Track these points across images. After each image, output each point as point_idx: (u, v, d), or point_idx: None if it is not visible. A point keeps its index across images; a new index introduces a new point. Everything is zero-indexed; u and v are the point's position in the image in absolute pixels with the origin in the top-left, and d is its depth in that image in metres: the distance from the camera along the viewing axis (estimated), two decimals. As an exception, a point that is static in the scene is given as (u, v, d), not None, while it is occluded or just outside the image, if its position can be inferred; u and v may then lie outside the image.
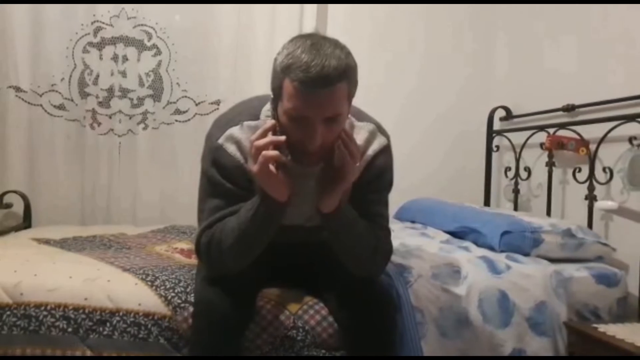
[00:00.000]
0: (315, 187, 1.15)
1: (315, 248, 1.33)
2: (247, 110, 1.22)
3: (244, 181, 1.17)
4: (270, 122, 1.06)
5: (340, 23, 2.59)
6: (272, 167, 1.04)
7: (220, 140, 1.18)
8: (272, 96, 1.09)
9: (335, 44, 1.05)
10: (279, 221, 1.14)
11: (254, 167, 1.04)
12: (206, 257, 1.18)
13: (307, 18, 2.50)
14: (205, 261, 1.20)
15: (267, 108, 1.20)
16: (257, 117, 1.20)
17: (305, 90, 1.00)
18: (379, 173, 1.25)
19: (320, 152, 1.08)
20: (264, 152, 1.03)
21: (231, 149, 1.17)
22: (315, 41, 1.03)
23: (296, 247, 1.32)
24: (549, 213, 2.21)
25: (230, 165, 1.17)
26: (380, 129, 1.28)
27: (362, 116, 1.28)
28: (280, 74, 1.04)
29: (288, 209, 1.15)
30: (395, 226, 2.15)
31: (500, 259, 1.65)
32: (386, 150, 1.27)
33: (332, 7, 2.61)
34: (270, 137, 1.04)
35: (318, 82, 1.00)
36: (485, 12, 2.75)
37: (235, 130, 1.18)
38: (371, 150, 1.24)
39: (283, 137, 1.05)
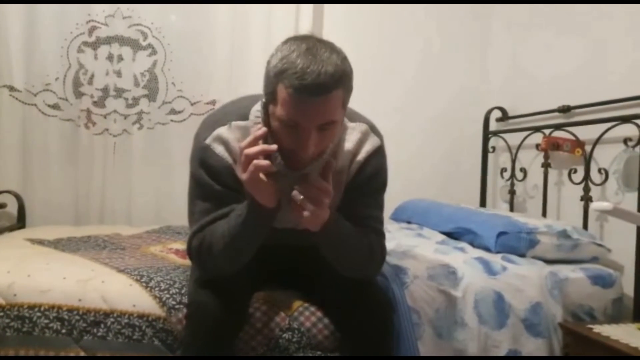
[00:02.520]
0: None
1: (309, 250, 1.33)
2: (236, 110, 1.21)
3: (232, 182, 1.16)
4: (262, 129, 1.04)
5: (336, 23, 2.59)
6: (262, 176, 1.02)
7: (208, 141, 1.16)
8: (263, 99, 1.07)
9: (332, 48, 1.03)
10: (268, 227, 1.13)
11: (243, 175, 1.03)
12: (197, 260, 1.17)
13: (303, 18, 2.49)
14: (197, 264, 1.19)
15: (257, 108, 1.18)
16: (246, 117, 1.19)
17: (299, 98, 0.98)
18: (372, 175, 1.23)
19: (311, 157, 1.07)
20: (255, 162, 1.01)
21: (219, 149, 1.16)
22: (310, 45, 1.00)
23: (289, 249, 1.31)
24: (544, 214, 2.22)
25: (218, 166, 1.15)
26: (373, 129, 1.26)
27: (354, 117, 1.26)
28: (274, 78, 1.01)
29: (279, 213, 1.14)
30: (391, 227, 2.16)
31: (496, 260, 1.65)
32: (379, 151, 1.25)
33: (328, 7, 2.60)
34: (261, 146, 1.02)
35: (313, 90, 0.97)
36: (482, 13, 2.76)
37: (223, 131, 1.17)
38: (364, 152, 1.22)
39: (275, 146, 1.03)
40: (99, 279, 1.37)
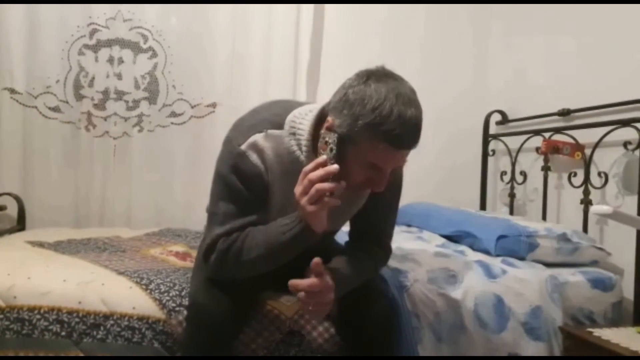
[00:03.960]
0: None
1: (316, 252, 1.33)
2: (271, 118, 1.19)
3: (261, 189, 1.17)
4: (335, 167, 1.02)
5: (337, 24, 2.59)
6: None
7: (244, 147, 1.15)
8: (336, 135, 1.04)
9: (410, 88, 1.06)
10: (307, 247, 1.13)
11: (308, 207, 1.02)
12: (219, 263, 1.15)
13: (304, 19, 2.50)
14: (216, 267, 1.16)
15: (291, 119, 1.17)
16: (281, 126, 1.17)
17: (393, 151, 1.03)
18: (392, 181, 1.24)
19: None
20: (326, 199, 1.02)
21: (253, 157, 1.15)
22: (397, 92, 1.02)
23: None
24: (544, 217, 2.22)
25: (250, 173, 1.15)
26: None
27: None
28: (364, 128, 1.01)
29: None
30: (391, 230, 2.16)
31: (496, 263, 1.65)
32: None
33: (329, 8, 2.61)
34: (333, 185, 1.01)
35: (408, 145, 1.04)
36: (483, 16, 2.76)
37: (259, 138, 1.16)
38: None
39: (344, 184, 1.03)
40: (99, 282, 1.37)
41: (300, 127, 1.15)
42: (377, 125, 1.00)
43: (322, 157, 1.03)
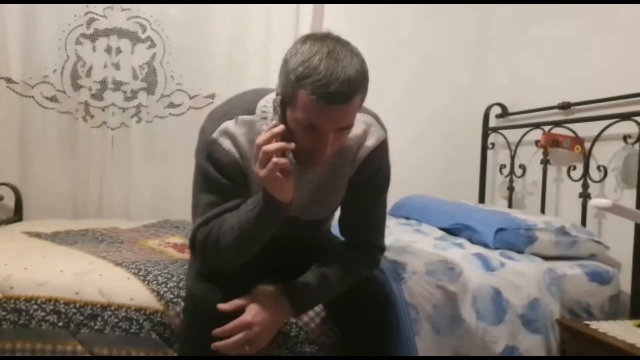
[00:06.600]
0: (313, 182, 1.13)
1: (310, 244, 1.33)
2: (242, 104, 1.20)
3: (239, 176, 1.16)
4: (280, 127, 1.03)
5: (336, 22, 2.57)
6: (279, 174, 1.02)
7: (215, 135, 1.15)
8: (279, 96, 1.05)
9: (351, 50, 1.03)
10: (280, 221, 1.12)
11: (260, 172, 1.02)
12: (202, 253, 1.16)
13: (303, 18, 2.48)
14: (201, 257, 1.18)
15: (263, 104, 1.18)
16: (252, 112, 1.18)
17: (322, 105, 0.98)
18: (376, 169, 1.23)
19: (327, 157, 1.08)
20: (274, 160, 1.00)
21: (226, 143, 1.15)
22: (331, 47, 0.99)
23: (291, 242, 1.31)
24: (543, 211, 2.22)
25: (225, 160, 1.15)
26: (378, 121, 1.25)
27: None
28: (295, 82, 0.99)
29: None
30: (389, 222, 2.15)
31: (495, 256, 1.65)
32: (384, 145, 1.24)
33: (328, 7, 2.58)
34: (280, 144, 1.01)
35: (337, 98, 0.98)
36: (483, 10, 2.75)
37: (229, 125, 1.16)
38: (368, 145, 1.21)
39: (293, 145, 1.02)
40: (97, 272, 1.36)
41: (271, 110, 1.14)
42: (305, 77, 0.97)
43: (272, 123, 1.04)
